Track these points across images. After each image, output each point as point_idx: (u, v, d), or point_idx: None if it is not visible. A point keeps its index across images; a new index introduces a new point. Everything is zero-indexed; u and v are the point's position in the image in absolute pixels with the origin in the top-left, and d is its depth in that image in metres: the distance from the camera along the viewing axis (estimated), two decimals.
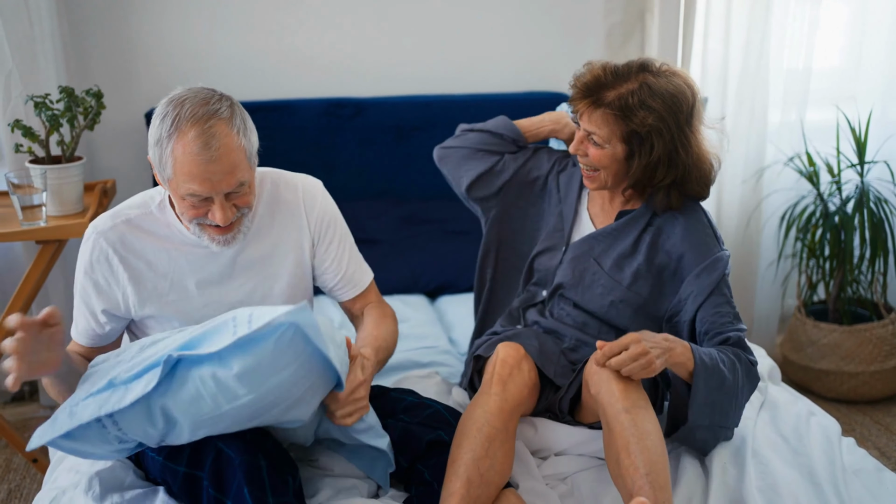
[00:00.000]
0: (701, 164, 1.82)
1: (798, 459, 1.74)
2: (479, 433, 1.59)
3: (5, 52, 2.52)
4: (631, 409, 1.57)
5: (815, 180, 2.96)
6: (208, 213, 1.61)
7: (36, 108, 2.27)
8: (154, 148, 1.59)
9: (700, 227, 1.86)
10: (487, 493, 1.55)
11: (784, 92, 3.06)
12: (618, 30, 2.99)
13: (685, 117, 1.78)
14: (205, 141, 1.54)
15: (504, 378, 1.69)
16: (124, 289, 1.70)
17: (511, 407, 1.66)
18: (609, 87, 1.78)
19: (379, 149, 2.90)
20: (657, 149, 1.77)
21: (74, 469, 1.70)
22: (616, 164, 1.82)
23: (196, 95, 1.58)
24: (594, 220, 1.97)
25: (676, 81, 1.78)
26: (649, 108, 1.74)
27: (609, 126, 1.78)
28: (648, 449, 1.52)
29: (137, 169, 2.83)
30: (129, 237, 1.69)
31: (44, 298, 2.76)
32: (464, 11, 2.97)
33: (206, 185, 1.56)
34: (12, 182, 2.20)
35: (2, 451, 2.67)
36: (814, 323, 2.99)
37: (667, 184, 1.82)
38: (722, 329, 1.77)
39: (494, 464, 1.57)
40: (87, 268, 1.69)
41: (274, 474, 1.49)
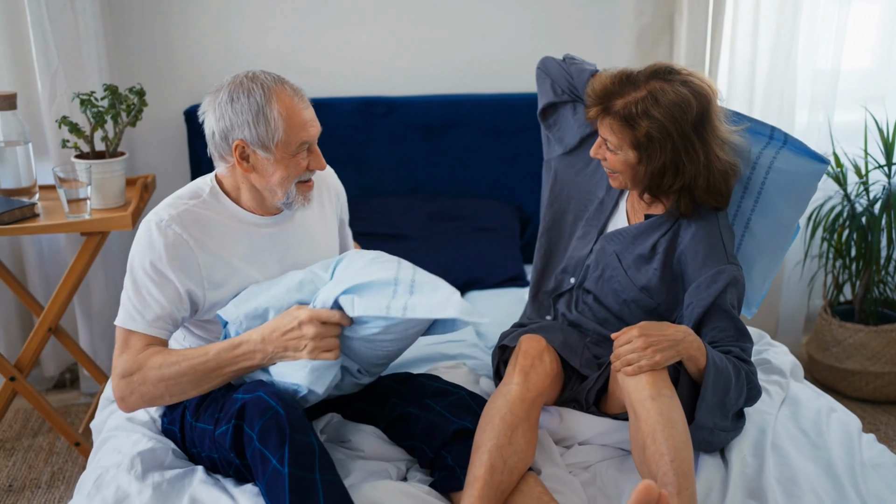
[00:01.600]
0: (712, 171, 1.85)
1: (817, 453, 1.78)
2: (501, 421, 1.65)
3: (52, 52, 2.62)
4: (657, 397, 1.61)
5: (842, 181, 2.98)
6: (308, 166, 1.77)
7: (82, 105, 2.36)
8: (250, 125, 1.69)
9: (708, 237, 1.88)
10: (510, 479, 1.61)
11: (812, 93, 3.08)
12: (647, 31, 3.02)
13: (690, 126, 1.81)
14: (297, 92, 1.74)
15: (526, 369, 1.75)
16: (200, 270, 1.74)
17: (533, 396, 1.72)
18: (617, 96, 1.83)
19: (410, 146, 2.96)
20: (661, 157, 1.82)
21: (117, 450, 1.78)
22: (630, 170, 1.88)
23: (251, 72, 1.75)
24: (629, 213, 2.02)
25: (683, 90, 1.81)
26: (651, 117, 1.79)
27: (617, 134, 1.84)
28: (674, 437, 1.56)
29: (177, 164, 2.92)
30: (194, 223, 1.75)
31: (85, 290, 2.86)
32: (495, 13, 3.02)
33: (313, 129, 1.75)
34: (59, 176, 2.29)
35: (46, 435, 2.77)
36: (839, 323, 3.01)
37: (676, 189, 1.87)
38: (723, 343, 1.80)
39: (517, 451, 1.63)
40: (163, 254, 1.71)
41: (324, 452, 1.57)
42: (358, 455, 1.76)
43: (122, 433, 1.84)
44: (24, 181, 2.47)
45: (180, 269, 1.72)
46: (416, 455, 1.76)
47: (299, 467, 1.50)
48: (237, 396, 1.63)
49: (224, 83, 1.75)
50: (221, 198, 1.81)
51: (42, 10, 2.58)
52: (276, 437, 1.52)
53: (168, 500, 1.62)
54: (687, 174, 1.84)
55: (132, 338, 1.73)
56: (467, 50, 3.04)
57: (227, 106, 1.71)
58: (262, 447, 1.53)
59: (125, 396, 1.71)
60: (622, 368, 1.67)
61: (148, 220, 1.75)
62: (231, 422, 1.60)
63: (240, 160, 1.74)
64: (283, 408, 1.56)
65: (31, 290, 2.83)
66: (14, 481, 2.53)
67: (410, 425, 1.77)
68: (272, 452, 1.52)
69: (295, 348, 1.64)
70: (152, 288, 1.71)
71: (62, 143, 2.44)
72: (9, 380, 2.46)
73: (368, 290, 1.62)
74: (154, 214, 1.75)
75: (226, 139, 1.73)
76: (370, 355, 1.73)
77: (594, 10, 3.06)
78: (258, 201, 1.82)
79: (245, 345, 1.66)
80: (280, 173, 1.74)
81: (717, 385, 1.70)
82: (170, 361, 1.68)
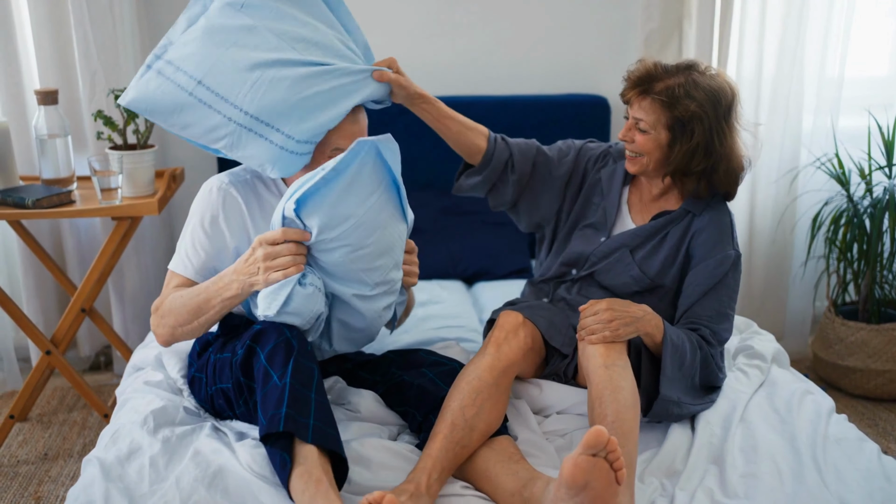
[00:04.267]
0: (732, 158, 2.00)
1: (784, 427, 1.87)
2: (467, 385, 1.78)
3: (92, 53, 2.83)
4: (610, 366, 1.76)
5: (844, 181, 3.05)
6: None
7: (116, 101, 2.55)
8: None
9: (720, 224, 2.04)
10: (471, 437, 1.72)
11: (818, 98, 3.16)
12: (656, 35, 3.11)
13: (724, 111, 1.97)
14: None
15: (500, 341, 1.87)
16: (249, 233, 1.92)
17: (503, 366, 1.83)
18: (658, 80, 1.99)
19: (424, 144, 3.08)
20: (697, 135, 1.96)
21: (134, 409, 1.94)
22: (659, 151, 2.01)
23: None
24: (632, 213, 2.14)
25: (719, 80, 1.99)
26: (693, 97, 1.94)
27: (656, 113, 1.98)
28: (618, 401, 1.70)
29: (205, 158, 3.10)
30: (250, 192, 1.95)
31: (118, 275, 3.05)
32: (507, 17, 3.16)
33: (346, 142, 1.87)
34: (93, 166, 2.49)
35: (80, 411, 2.96)
36: (842, 321, 3.07)
37: (699, 171, 2.00)
38: (698, 321, 1.95)
39: (480, 413, 1.74)
40: (220, 209, 1.90)
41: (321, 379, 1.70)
42: (355, 416, 1.90)
43: (139, 395, 2.01)
44: (63, 171, 2.66)
45: (233, 226, 1.91)
46: (409, 420, 1.90)
47: (298, 382, 1.64)
48: (256, 326, 1.79)
49: None
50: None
51: (84, 14, 2.80)
52: (283, 357, 1.67)
53: (175, 452, 1.77)
54: (715, 156, 1.98)
55: (173, 280, 1.92)
56: (481, 53, 3.18)
57: None
58: (267, 365, 1.68)
59: (156, 330, 1.90)
60: (586, 337, 1.80)
61: (210, 181, 1.96)
62: (247, 343, 1.76)
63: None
64: (292, 334, 1.71)
65: (70, 273, 3.04)
66: (49, 450, 2.71)
67: (405, 392, 1.90)
68: (276, 370, 1.66)
69: (252, 274, 1.74)
70: (203, 239, 1.90)
71: (97, 135, 2.64)
72: (45, 354, 2.65)
73: (301, 182, 1.72)
74: (216, 178, 1.96)
75: None
76: (352, 265, 1.76)
77: (602, 14, 3.18)
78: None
79: (225, 276, 1.80)
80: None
81: (674, 360, 1.85)
82: (179, 294, 1.86)
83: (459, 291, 2.86)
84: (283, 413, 1.60)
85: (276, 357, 1.68)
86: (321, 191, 1.70)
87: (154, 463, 1.72)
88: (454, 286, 2.89)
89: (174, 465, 1.73)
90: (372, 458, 1.73)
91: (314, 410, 1.63)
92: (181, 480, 1.65)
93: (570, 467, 1.48)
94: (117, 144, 2.65)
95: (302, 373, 1.66)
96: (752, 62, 3.11)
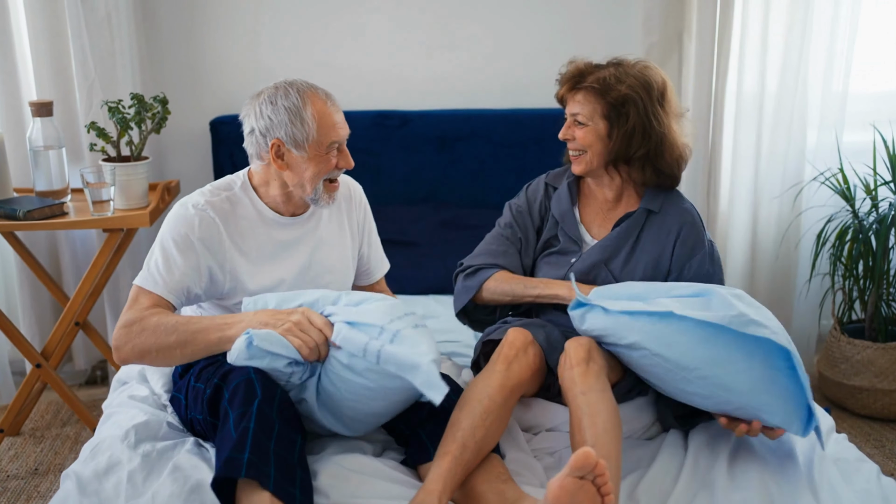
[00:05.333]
0: (673, 141, 2.03)
1: (780, 447, 1.81)
2: (479, 404, 1.74)
3: (89, 65, 2.83)
4: (587, 392, 1.73)
5: (848, 196, 3.00)
6: (337, 164, 1.93)
7: (109, 112, 2.55)
8: (287, 125, 1.86)
9: (693, 222, 2.06)
10: (476, 459, 1.70)
11: (822, 112, 3.11)
12: (656, 49, 3.09)
13: (657, 95, 2.01)
14: (328, 96, 1.92)
15: (510, 359, 1.83)
16: (225, 254, 1.90)
17: (512, 385, 1.80)
18: (589, 74, 2.04)
19: (422, 158, 3.07)
20: (632, 117, 1.99)
21: (117, 424, 1.91)
22: (600, 142, 2.03)
23: (289, 79, 1.93)
24: (590, 229, 2.13)
25: (649, 70, 2.05)
26: (623, 82, 1.99)
27: (591, 103, 2.02)
28: (597, 425, 1.67)
29: (202, 171, 3.09)
30: (224, 212, 1.92)
31: (114, 288, 3.04)
32: (505, 32, 3.14)
33: (342, 131, 1.92)
34: (85, 177, 2.47)
35: (73, 426, 2.93)
36: (848, 339, 3.01)
37: (641, 155, 2.01)
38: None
39: (488, 434, 1.72)
40: (196, 228, 1.87)
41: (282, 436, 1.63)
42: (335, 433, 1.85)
43: (123, 409, 1.99)
44: (57, 183, 2.65)
45: (208, 247, 1.88)
46: (395, 434, 1.86)
47: (261, 430, 1.59)
48: (226, 365, 1.75)
49: (265, 88, 1.93)
50: (250, 193, 1.98)
51: (81, 26, 2.80)
52: (242, 398, 1.63)
53: (155, 467, 1.74)
54: (654, 137, 2.00)
55: (142, 296, 1.85)
56: (478, 66, 3.16)
57: (268, 107, 1.88)
58: (228, 405, 1.64)
59: (120, 346, 1.81)
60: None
61: (184, 201, 1.93)
62: (214, 382, 1.73)
63: (275, 158, 1.90)
64: (257, 377, 1.66)
65: (66, 286, 3.02)
66: (40, 465, 2.69)
67: None
68: (234, 411, 1.62)
69: (275, 324, 1.72)
70: (177, 256, 1.86)
71: (90, 146, 2.63)
72: (35, 367, 2.63)
73: (357, 326, 1.68)
74: (190, 198, 1.93)
75: (265, 138, 1.90)
76: (348, 400, 1.73)
77: (602, 27, 3.15)
78: (284, 199, 1.97)
79: (237, 317, 1.77)
80: (312, 170, 1.90)
81: None
82: (167, 318, 1.80)
83: None
84: (245, 458, 1.53)
85: (235, 398, 1.64)
86: (362, 327, 1.68)
87: (132, 478, 1.70)
88: (451, 301, 2.84)
89: (152, 480, 1.70)
90: (352, 475, 1.68)
91: (274, 462, 1.56)
92: (157, 496, 1.62)
93: (556, 489, 1.45)
94: (111, 156, 2.63)
95: (264, 421, 1.60)
96: (753, 76, 3.08)
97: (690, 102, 3.09)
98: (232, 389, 1.66)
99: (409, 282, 2.87)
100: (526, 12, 3.14)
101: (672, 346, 1.71)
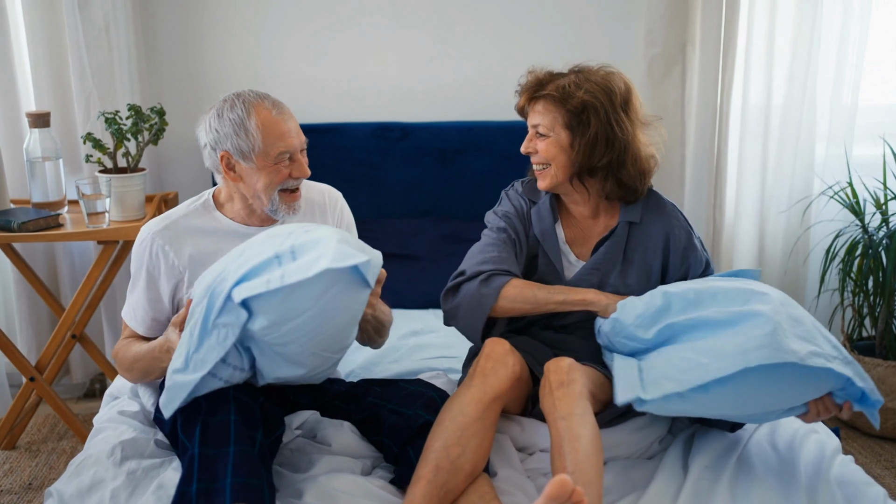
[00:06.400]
0: (637, 151, 1.94)
1: (783, 468, 1.76)
2: (451, 422, 1.68)
3: (87, 76, 2.82)
4: (567, 416, 1.67)
5: (858, 210, 2.94)
6: (291, 174, 1.89)
7: (106, 123, 2.53)
8: (232, 137, 1.86)
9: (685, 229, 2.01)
10: (456, 480, 1.63)
11: (830, 125, 3.06)
12: (659, 61, 3.05)
13: (620, 101, 1.92)
14: (276, 105, 1.89)
15: (486, 371, 1.77)
16: (181, 275, 1.92)
17: (490, 398, 1.73)
18: (549, 82, 1.95)
19: (423, 170, 3.04)
20: (593, 125, 1.89)
21: (105, 440, 1.87)
22: (563, 155, 1.94)
23: (239, 91, 1.92)
24: (573, 247, 2.04)
25: (611, 76, 1.95)
26: (584, 89, 1.90)
27: (551, 113, 1.93)
28: (577, 450, 1.61)
29: (200, 183, 3.06)
30: (178, 235, 1.93)
31: (111, 301, 3.01)
32: (509, 42, 3.11)
33: (291, 140, 1.88)
34: (80, 189, 2.45)
35: (69, 440, 2.90)
36: (858, 357, 2.94)
37: (604, 164, 1.92)
38: None
39: (466, 452, 1.65)
40: (148, 262, 1.92)
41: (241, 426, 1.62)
42: (326, 449, 1.81)
43: (112, 424, 1.95)
44: (53, 195, 2.63)
45: (165, 275, 1.92)
46: (384, 451, 1.81)
47: (208, 446, 1.58)
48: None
49: (215, 102, 1.93)
50: (211, 208, 1.99)
51: (80, 38, 2.80)
52: (193, 423, 1.63)
53: (139, 486, 1.70)
54: (617, 145, 1.91)
55: (125, 330, 2.02)
56: (480, 79, 3.13)
57: (215, 121, 1.90)
58: (183, 437, 1.65)
59: (121, 373, 1.99)
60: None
61: (142, 230, 1.96)
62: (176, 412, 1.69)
63: (226, 170, 1.91)
64: (203, 397, 1.65)
65: (64, 299, 2.99)
66: (34, 480, 2.65)
67: (381, 421, 1.82)
68: (189, 439, 1.62)
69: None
70: (140, 292, 1.95)
71: (86, 157, 2.61)
72: (28, 380, 2.60)
73: (254, 273, 1.60)
74: (147, 226, 1.96)
75: (215, 151, 1.90)
76: (309, 349, 1.64)
77: (605, 39, 3.12)
78: (248, 211, 1.97)
79: (169, 343, 1.80)
80: (263, 181, 1.89)
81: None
82: (131, 352, 1.92)
83: None
84: (193, 490, 1.54)
85: (188, 425, 1.65)
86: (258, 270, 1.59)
87: (115, 496, 1.66)
88: None
89: (135, 498, 1.66)
90: (339, 495, 1.63)
91: (232, 466, 1.55)
92: None
93: None
94: (107, 168, 2.61)
95: (212, 433, 1.59)
96: (759, 88, 3.03)
97: (694, 114, 3.05)
98: (182, 420, 1.67)
99: (409, 296, 2.83)
100: (528, 24, 3.11)
101: (749, 403, 1.68)
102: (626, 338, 1.81)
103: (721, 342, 1.64)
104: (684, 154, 3.13)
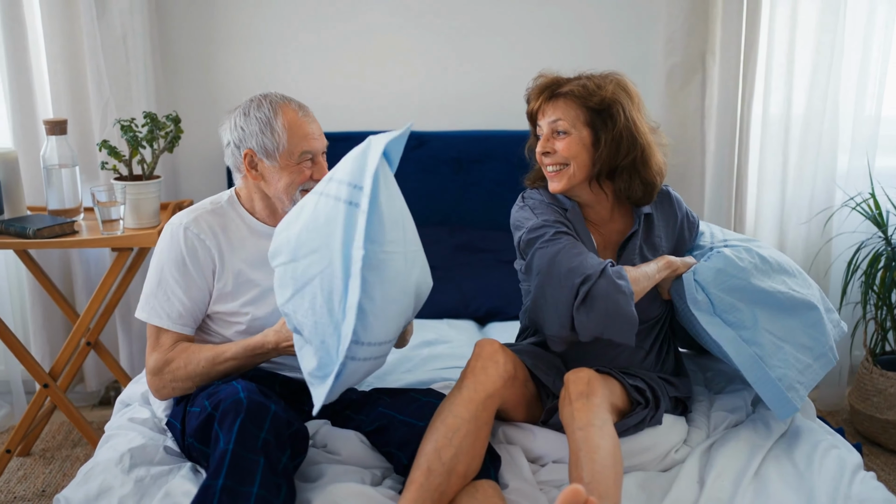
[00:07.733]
0: (654, 150, 1.95)
1: (801, 484, 1.71)
2: (442, 424, 1.66)
3: (104, 84, 2.83)
4: (585, 427, 1.65)
5: (880, 222, 2.89)
6: (312, 175, 1.92)
7: (122, 131, 2.53)
8: (258, 135, 1.89)
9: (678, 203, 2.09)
10: (449, 482, 1.60)
11: (853, 136, 3.02)
12: (678, 71, 3.02)
13: (635, 102, 1.93)
14: (302, 108, 1.94)
15: (476, 370, 1.76)
16: (213, 265, 1.92)
17: (481, 397, 1.71)
18: (564, 83, 1.95)
19: (439, 179, 3.02)
20: (619, 120, 1.89)
21: (114, 447, 1.87)
22: (584, 152, 1.92)
23: (265, 92, 1.96)
24: (601, 251, 2.02)
25: (625, 79, 1.98)
26: (604, 87, 1.90)
27: (573, 110, 1.92)
28: (595, 461, 1.59)
29: (213, 191, 3.05)
30: (209, 227, 1.94)
31: (125, 308, 3.01)
32: (523, 53, 3.10)
33: (315, 141, 1.92)
34: (95, 196, 2.45)
35: (84, 447, 2.90)
36: (881, 371, 2.89)
37: (628, 163, 1.91)
38: None
39: (458, 453, 1.62)
40: (185, 251, 1.90)
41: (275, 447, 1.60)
42: (335, 459, 1.80)
43: (122, 431, 1.94)
44: (69, 202, 2.63)
45: (200, 268, 1.91)
46: (394, 462, 1.79)
47: (243, 447, 1.56)
48: (223, 386, 1.72)
49: (242, 102, 1.96)
50: (236, 206, 2.00)
51: (98, 46, 2.81)
52: (231, 419, 1.60)
53: (147, 493, 1.69)
54: (640, 144, 1.91)
55: (162, 336, 1.91)
56: (496, 88, 3.11)
57: (241, 119, 1.92)
58: (218, 428, 1.61)
59: (159, 389, 1.90)
60: None
61: (170, 223, 1.95)
62: (205, 405, 1.70)
63: (249, 168, 1.93)
64: (246, 394, 1.63)
65: (78, 307, 3.00)
66: (48, 487, 2.65)
67: (391, 432, 1.80)
68: (224, 433, 1.58)
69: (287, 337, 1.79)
70: (176, 287, 1.90)
71: (101, 165, 2.61)
72: (42, 387, 2.60)
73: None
74: (176, 218, 1.95)
75: (238, 149, 1.92)
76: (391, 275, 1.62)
77: (623, 48, 3.09)
78: (270, 210, 1.99)
79: (265, 343, 1.83)
80: (285, 180, 1.91)
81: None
82: (194, 354, 1.86)
83: (470, 331, 2.75)
84: (219, 485, 1.51)
85: (226, 419, 1.62)
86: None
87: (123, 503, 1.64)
88: (465, 326, 2.79)
89: None
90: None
91: (260, 476, 1.54)
92: None
93: None
94: (123, 175, 2.61)
95: (248, 436, 1.57)
96: (780, 98, 2.99)
97: (714, 124, 3.02)
98: (221, 413, 1.63)
99: (423, 306, 2.80)
100: (545, 32, 3.09)
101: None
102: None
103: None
104: (704, 164, 3.10)
